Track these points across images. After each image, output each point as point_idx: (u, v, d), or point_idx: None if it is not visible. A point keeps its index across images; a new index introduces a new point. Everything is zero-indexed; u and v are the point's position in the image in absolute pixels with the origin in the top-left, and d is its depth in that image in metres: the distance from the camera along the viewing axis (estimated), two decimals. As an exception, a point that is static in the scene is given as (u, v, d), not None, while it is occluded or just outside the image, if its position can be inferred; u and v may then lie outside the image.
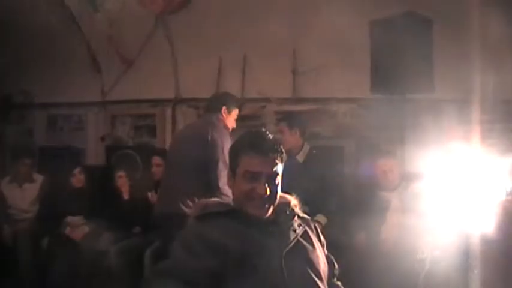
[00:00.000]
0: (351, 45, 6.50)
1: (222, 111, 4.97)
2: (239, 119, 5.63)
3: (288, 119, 5.92)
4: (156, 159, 6.52)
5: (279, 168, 2.37)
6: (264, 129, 2.49)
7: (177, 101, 7.83)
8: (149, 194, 6.31)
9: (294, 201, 2.54)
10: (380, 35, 5.85)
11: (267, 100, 7.33)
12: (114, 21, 7.40)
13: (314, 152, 5.68)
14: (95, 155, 8.08)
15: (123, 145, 7.96)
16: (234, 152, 2.43)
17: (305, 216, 2.57)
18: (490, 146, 3.95)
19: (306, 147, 5.71)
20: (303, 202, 2.65)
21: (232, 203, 2.45)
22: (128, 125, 8.13)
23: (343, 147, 6.89)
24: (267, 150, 2.35)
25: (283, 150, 2.41)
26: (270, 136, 2.42)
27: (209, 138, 4.58)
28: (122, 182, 6.48)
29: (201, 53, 7.41)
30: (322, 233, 2.60)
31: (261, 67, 7.27)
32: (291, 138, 5.63)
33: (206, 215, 2.38)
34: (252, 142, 2.38)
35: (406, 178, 5.49)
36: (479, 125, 4.69)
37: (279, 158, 2.37)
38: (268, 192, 2.31)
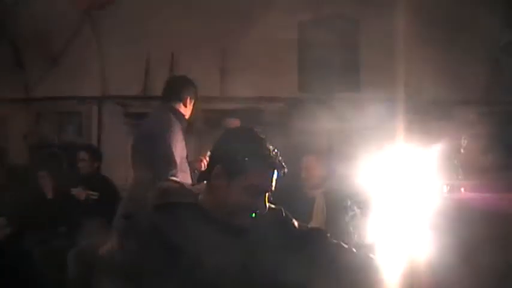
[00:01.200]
0: (280, 45, 6.55)
1: (185, 100, 4.78)
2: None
3: (235, 114, 5.81)
4: (81, 155, 6.43)
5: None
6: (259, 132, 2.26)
7: (103, 99, 7.69)
8: (73, 190, 6.18)
9: None
10: (308, 35, 5.92)
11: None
12: (39, 16, 7.22)
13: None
14: (17, 154, 7.84)
15: (47, 143, 7.75)
16: (239, 157, 2.13)
17: (273, 206, 2.33)
18: (416, 145, 4.03)
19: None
20: None
21: (195, 193, 2.24)
22: (53, 123, 7.94)
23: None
24: (278, 164, 2.16)
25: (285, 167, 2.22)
26: (272, 146, 2.20)
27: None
28: (44, 181, 6.32)
29: (128, 50, 7.31)
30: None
31: (189, 65, 7.22)
32: None
33: (166, 205, 2.19)
34: (263, 154, 2.15)
35: (332, 176, 5.55)
36: (405, 123, 4.79)
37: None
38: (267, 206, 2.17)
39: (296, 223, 2.38)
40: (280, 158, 2.18)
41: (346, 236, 2.78)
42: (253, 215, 2.16)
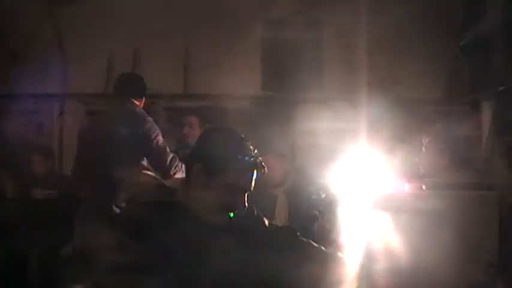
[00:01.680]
0: (243, 43, 6.54)
1: (143, 98, 4.78)
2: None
3: (199, 112, 5.79)
4: (34, 156, 6.36)
5: None
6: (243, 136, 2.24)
7: (64, 96, 7.58)
8: (34, 191, 6.11)
9: None
10: (271, 33, 5.93)
11: (157, 96, 7.23)
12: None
13: None
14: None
15: (6, 142, 7.60)
16: (219, 156, 2.14)
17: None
18: (378, 144, 4.07)
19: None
20: None
21: (174, 189, 2.26)
22: (13, 121, 7.78)
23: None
24: (258, 164, 2.17)
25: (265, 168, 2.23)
26: (251, 145, 2.19)
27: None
28: (4, 181, 6.24)
29: (90, 46, 7.22)
30: None
31: (151, 62, 7.18)
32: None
33: (148, 202, 2.23)
34: (243, 154, 2.14)
35: (295, 174, 5.57)
36: (368, 122, 4.82)
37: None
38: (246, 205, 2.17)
39: (266, 221, 2.38)
40: (260, 158, 2.18)
41: (310, 235, 2.79)
42: (232, 214, 2.15)
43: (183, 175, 2.52)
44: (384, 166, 3.65)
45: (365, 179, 3.57)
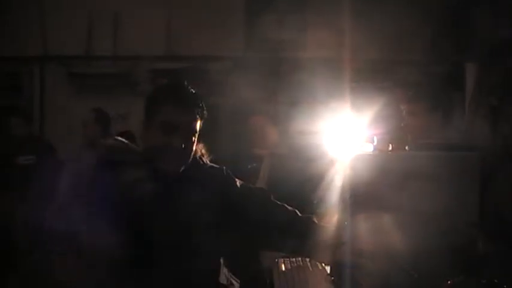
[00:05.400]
0: (226, 3, 6.47)
1: None
2: (111, 77, 5.43)
3: (173, 76, 5.72)
4: (15, 120, 6.27)
5: (198, 124, 2.22)
6: (186, 82, 2.30)
7: (45, 59, 7.47)
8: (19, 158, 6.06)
9: (200, 150, 2.40)
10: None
11: (140, 58, 7.15)
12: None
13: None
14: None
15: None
16: (151, 101, 2.25)
17: (214, 165, 2.41)
18: (360, 105, 4.05)
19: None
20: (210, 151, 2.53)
21: (139, 150, 2.28)
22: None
23: (218, 106, 6.87)
24: (189, 103, 2.20)
25: (204, 107, 2.25)
26: (192, 90, 2.26)
27: None
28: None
29: (69, 8, 7.12)
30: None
31: (133, 23, 7.09)
32: None
33: (108, 162, 2.22)
34: (172, 92, 2.24)
35: (280, 136, 5.54)
36: (350, 84, 4.81)
37: (199, 114, 2.22)
38: (183, 147, 2.17)
39: (238, 182, 2.39)
40: (198, 100, 2.23)
41: (294, 197, 2.81)
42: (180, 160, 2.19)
43: None
44: (367, 128, 3.64)
45: (347, 143, 3.57)
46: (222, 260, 2.34)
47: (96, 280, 2.05)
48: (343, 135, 3.57)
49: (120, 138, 2.40)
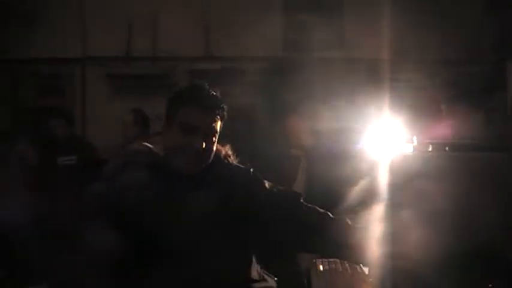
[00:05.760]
0: (263, 4, 6.46)
1: None
2: (149, 78, 5.48)
3: (211, 76, 5.72)
4: (57, 121, 6.36)
5: (218, 125, 2.22)
6: (206, 83, 2.34)
7: (85, 60, 7.57)
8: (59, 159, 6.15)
9: (226, 151, 2.37)
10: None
11: (178, 59, 7.19)
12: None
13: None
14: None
15: (28, 106, 7.65)
16: (173, 101, 2.25)
17: (240, 165, 2.38)
18: (399, 104, 4.01)
19: (225, 108, 5.55)
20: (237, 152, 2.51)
21: (162, 154, 2.30)
22: (34, 86, 7.82)
23: (255, 105, 6.87)
24: (208, 104, 2.20)
25: (225, 107, 2.23)
26: (212, 91, 2.25)
27: None
28: (26, 145, 6.25)
29: (110, 10, 7.20)
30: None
31: (172, 25, 7.13)
32: None
33: (134, 163, 2.24)
34: (193, 93, 2.24)
35: (317, 136, 5.51)
36: (389, 84, 4.76)
37: (219, 115, 2.21)
38: (204, 147, 2.16)
39: (267, 183, 2.36)
40: (219, 101, 2.22)
41: (329, 198, 2.78)
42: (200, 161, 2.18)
43: None
44: (407, 128, 3.61)
45: (387, 141, 3.53)
46: (253, 257, 2.32)
47: (120, 280, 2.07)
48: (383, 136, 3.54)
49: (145, 143, 2.43)
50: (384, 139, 3.41)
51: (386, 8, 5.45)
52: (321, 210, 2.28)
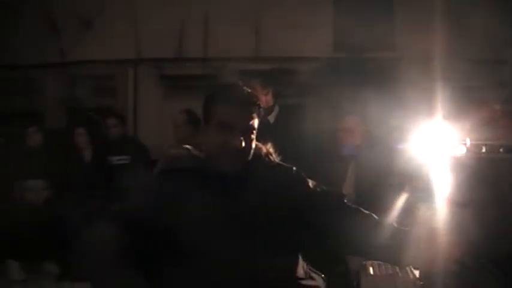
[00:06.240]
0: (314, 3, 6.44)
1: None
2: (201, 79, 5.50)
3: (261, 77, 5.70)
4: (112, 120, 6.46)
5: (255, 122, 2.23)
6: (240, 83, 2.37)
7: (138, 61, 7.68)
8: (112, 158, 6.25)
9: (267, 149, 2.40)
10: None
11: (229, 59, 7.22)
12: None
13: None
14: (54, 118, 7.92)
15: (83, 107, 7.81)
16: (209, 102, 2.28)
17: (283, 164, 2.39)
18: (451, 105, 3.94)
19: (277, 108, 5.56)
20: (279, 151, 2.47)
21: (202, 156, 2.31)
22: (89, 87, 7.98)
23: (305, 106, 6.85)
24: (245, 102, 2.23)
25: (260, 105, 2.27)
26: (247, 89, 2.29)
27: None
28: (82, 140, 6.36)
29: (161, 12, 7.29)
30: None
31: (223, 25, 7.18)
32: (263, 97, 5.40)
33: (171, 170, 2.30)
34: (228, 92, 2.28)
35: (368, 137, 5.45)
36: (443, 84, 4.68)
37: (256, 112, 2.24)
38: (243, 146, 2.18)
39: (311, 183, 2.34)
40: (254, 98, 2.26)
41: (377, 200, 2.76)
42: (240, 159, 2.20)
43: None
44: (459, 129, 3.55)
45: (439, 143, 3.48)
46: (299, 255, 2.31)
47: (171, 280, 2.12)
48: (436, 137, 3.49)
49: (186, 145, 2.46)
50: (436, 140, 3.36)
51: (438, 7, 5.36)
52: (366, 211, 2.26)
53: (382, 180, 4.11)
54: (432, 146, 3.34)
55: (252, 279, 2.09)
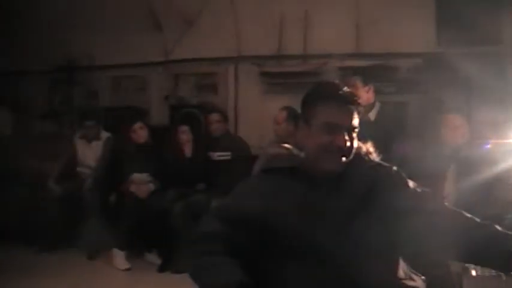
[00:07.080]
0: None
1: None
2: (301, 76, 5.47)
3: (362, 73, 5.63)
4: (215, 116, 6.59)
5: (356, 121, 2.23)
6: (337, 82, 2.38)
7: (239, 59, 7.78)
8: (213, 154, 6.39)
9: (367, 148, 2.38)
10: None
11: (329, 56, 7.18)
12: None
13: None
14: (158, 115, 8.16)
15: (186, 104, 8.00)
16: (309, 101, 2.29)
17: (382, 163, 2.37)
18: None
19: (377, 105, 5.47)
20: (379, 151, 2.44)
21: (302, 156, 2.31)
22: (191, 84, 8.16)
23: (407, 104, 6.71)
24: (347, 101, 2.22)
25: (360, 103, 2.27)
26: (346, 88, 2.28)
27: None
28: (185, 137, 6.55)
29: (262, 9, 7.36)
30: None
31: (322, 22, 7.15)
32: (364, 94, 5.33)
33: (271, 169, 2.32)
34: (330, 92, 2.25)
35: (472, 135, 5.28)
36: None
37: (357, 111, 2.24)
38: (348, 145, 2.18)
39: (411, 183, 2.30)
40: (355, 97, 2.25)
41: (479, 202, 2.68)
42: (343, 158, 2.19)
43: None
44: None
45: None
46: (399, 257, 2.27)
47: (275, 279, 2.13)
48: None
49: (286, 144, 2.48)
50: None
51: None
52: (468, 215, 2.18)
53: (484, 180, 3.97)
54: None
55: (356, 279, 2.09)
